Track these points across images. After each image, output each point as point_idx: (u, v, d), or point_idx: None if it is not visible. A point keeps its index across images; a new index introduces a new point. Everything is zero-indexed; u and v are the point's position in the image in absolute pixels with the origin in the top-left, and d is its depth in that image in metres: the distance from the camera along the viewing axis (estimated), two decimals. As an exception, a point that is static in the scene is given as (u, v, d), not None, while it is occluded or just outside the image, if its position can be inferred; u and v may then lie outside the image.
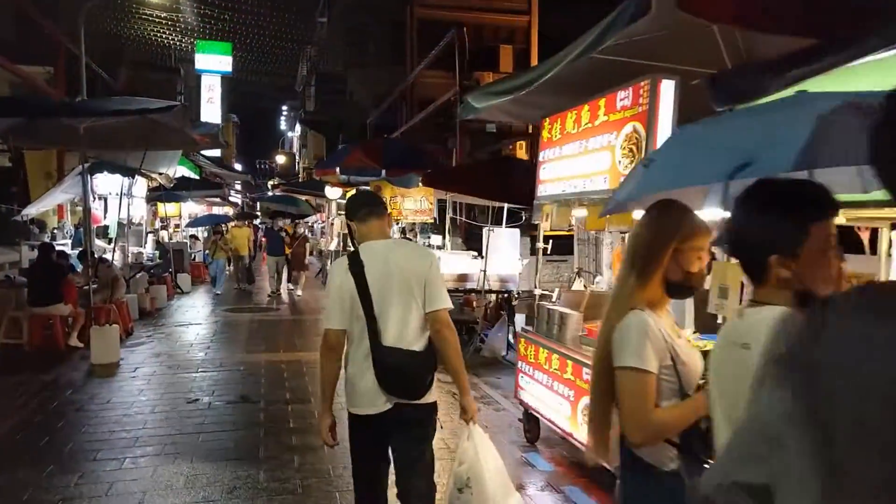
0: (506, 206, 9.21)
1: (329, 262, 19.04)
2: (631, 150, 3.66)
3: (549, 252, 6.35)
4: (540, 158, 4.98)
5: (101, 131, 8.27)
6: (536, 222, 4.93)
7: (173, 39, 19.00)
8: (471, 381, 3.33)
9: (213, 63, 26.87)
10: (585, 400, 3.90)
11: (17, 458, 4.63)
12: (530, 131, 21.03)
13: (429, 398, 2.65)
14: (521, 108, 5.35)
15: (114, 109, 8.22)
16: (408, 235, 16.18)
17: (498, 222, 9.66)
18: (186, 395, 6.26)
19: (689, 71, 3.75)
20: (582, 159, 4.31)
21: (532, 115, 5.51)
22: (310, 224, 27.53)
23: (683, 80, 3.58)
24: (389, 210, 12.04)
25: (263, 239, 17.73)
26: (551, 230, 4.91)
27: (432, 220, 10.54)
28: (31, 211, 9.84)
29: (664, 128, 3.53)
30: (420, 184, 8.47)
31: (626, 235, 4.41)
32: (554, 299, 4.92)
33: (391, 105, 21.32)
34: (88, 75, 12.96)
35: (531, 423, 4.85)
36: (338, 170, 12.54)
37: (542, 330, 4.67)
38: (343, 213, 17.24)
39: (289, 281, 14.79)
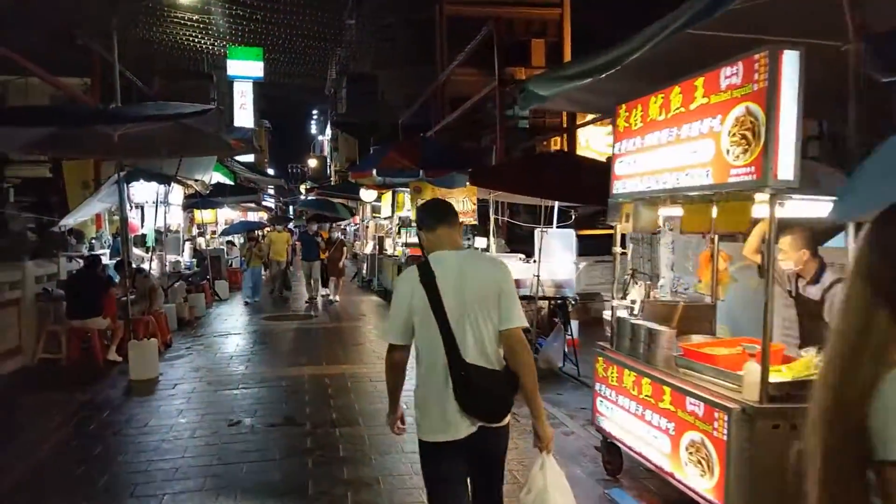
0: (556, 204, 8.62)
1: (365, 266, 18.68)
2: (744, 137, 3.07)
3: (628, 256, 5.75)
4: (615, 151, 4.40)
5: (135, 138, 7.98)
6: (613, 223, 4.35)
7: (205, 43, 18.83)
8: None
9: (245, 69, 26.79)
10: (691, 435, 3.33)
11: (52, 489, 4.29)
12: (565, 125, 20.44)
13: (506, 420, 2.53)
14: (591, 96, 4.78)
15: (148, 115, 7.93)
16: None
17: (545, 222, 9.08)
18: (228, 415, 5.86)
19: (799, 44, 3.18)
20: (672, 150, 3.73)
21: (602, 104, 4.94)
22: (342, 227, 27.32)
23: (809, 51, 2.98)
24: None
25: (297, 243, 17.41)
26: (632, 230, 4.32)
27: (475, 222, 10.01)
28: (69, 221, 9.63)
29: (788, 108, 2.94)
30: (468, 183, 7.90)
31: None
32: (636, 311, 4.34)
33: (422, 104, 20.90)
34: (123, 84, 12.81)
35: (612, 453, 4.29)
36: (374, 171, 12.14)
37: (625, 348, 4.10)
38: (378, 216, 16.86)
39: (325, 287, 14.41)
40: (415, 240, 15.08)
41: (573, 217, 10.17)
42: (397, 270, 13.01)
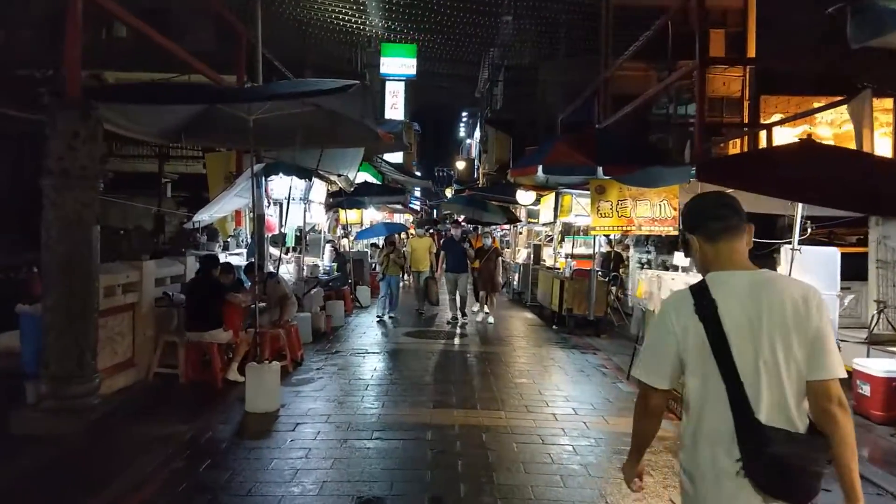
0: (799, 212, 6.20)
1: (517, 276, 16.84)
2: None
3: None
4: None
5: (273, 125, 6.84)
6: None
7: (355, 23, 18.07)
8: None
9: (398, 67, 26.23)
10: None
11: None
12: (746, 120, 17.52)
13: (816, 500, 1.87)
14: None
15: (285, 93, 6.74)
16: (616, 249, 13.43)
17: (757, 235, 6.61)
18: (356, 485, 4.27)
19: None
20: None
21: None
22: (491, 231, 25.74)
23: None
24: (619, 218, 9.44)
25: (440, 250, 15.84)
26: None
27: (675, 232, 7.76)
28: (203, 217, 8.81)
29: None
30: (696, 177, 5.63)
31: None
32: None
33: (583, 102, 18.84)
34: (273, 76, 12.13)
35: None
36: (540, 168, 10.25)
37: None
38: (535, 221, 14.76)
39: (476, 301, 12.66)
40: (583, 251, 12.96)
41: (808, 230, 7.61)
42: (560, 286, 11.00)
